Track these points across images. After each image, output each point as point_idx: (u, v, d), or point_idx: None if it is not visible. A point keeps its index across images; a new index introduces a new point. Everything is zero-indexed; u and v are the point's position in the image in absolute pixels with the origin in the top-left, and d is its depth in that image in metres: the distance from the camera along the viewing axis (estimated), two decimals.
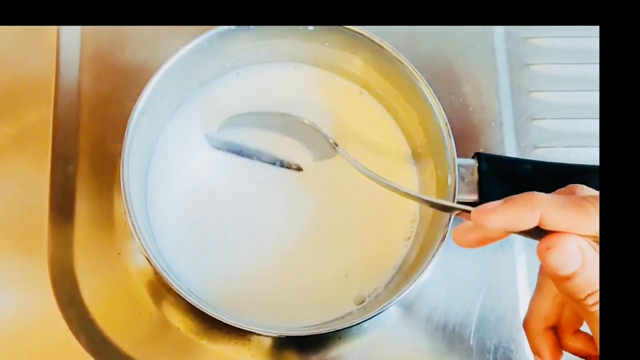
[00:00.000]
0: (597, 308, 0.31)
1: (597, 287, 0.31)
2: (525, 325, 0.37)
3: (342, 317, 0.43)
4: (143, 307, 0.46)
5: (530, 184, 0.42)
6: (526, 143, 0.51)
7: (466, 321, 0.47)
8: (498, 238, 0.35)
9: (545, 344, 0.36)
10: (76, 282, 0.46)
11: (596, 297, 0.31)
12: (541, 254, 0.31)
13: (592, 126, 0.52)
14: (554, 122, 0.52)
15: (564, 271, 0.31)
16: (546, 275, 0.36)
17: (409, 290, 0.39)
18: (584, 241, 0.31)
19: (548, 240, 0.31)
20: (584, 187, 0.34)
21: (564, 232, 0.31)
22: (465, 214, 0.33)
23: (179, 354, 0.46)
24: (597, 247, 0.31)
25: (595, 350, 0.34)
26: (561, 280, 0.31)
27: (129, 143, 0.40)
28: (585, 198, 0.32)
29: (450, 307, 0.47)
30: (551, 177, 0.43)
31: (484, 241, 0.35)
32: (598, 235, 0.31)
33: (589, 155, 0.51)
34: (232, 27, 0.43)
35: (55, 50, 0.51)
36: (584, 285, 0.31)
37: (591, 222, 0.31)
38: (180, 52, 0.42)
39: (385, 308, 0.39)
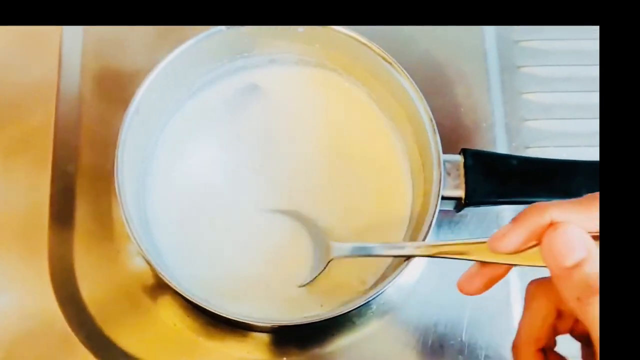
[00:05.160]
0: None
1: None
2: (516, 347, 0.35)
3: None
4: (141, 305, 0.47)
5: (516, 179, 0.42)
6: (518, 143, 0.52)
7: (458, 318, 0.47)
8: (503, 274, 0.35)
9: None
10: (75, 280, 0.47)
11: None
12: (547, 238, 0.31)
13: (584, 126, 0.52)
14: (545, 123, 0.53)
15: (570, 259, 0.30)
16: (534, 296, 0.34)
17: (396, 289, 0.40)
18: (587, 233, 0.31)
19: (554, 225, 0.31)
20: None
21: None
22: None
23: (177, 351, 0.46)
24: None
25: None
26: (567, 276, 0.30)
27: (123, 139, 0.41)
28: (589, 196, 0.32)
29: (442, 305, 0.47)
30: (537, 172, 0.43)
31: (491, 282, 0.35)
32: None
33: (581, 154, 0.50)
34: (224, 28, 0.44)
35: (57, 55, 0.52)
36: (593, 276, 0.30)
37: (593, 219, 0.31)
38: (174, 53, 0.43)
39: (373, 297, 0.40)
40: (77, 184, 0.49)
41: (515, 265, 0.35)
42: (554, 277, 0.31)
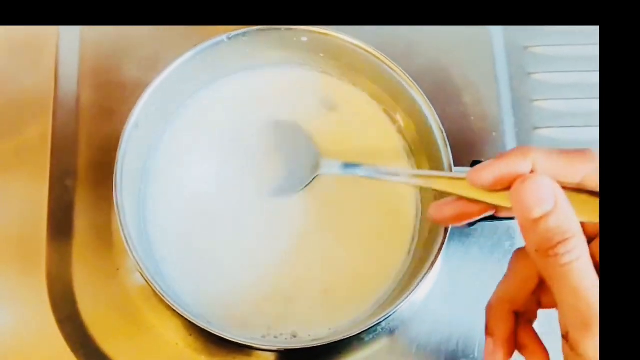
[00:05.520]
0: (568, 258, 0.30)
1: (570, 234, 0.30)
2: (488, 306, 0.36)
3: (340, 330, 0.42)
4: (141, 323, 0.46)
5: None
6: None
7: (470, 334, 0.46)
8: (476, 214, 0.35)
9: (503, 326, 0.35)
10: (74, 297, 0.46)
11: (568, 246, 0.30)
12: (515, 189, 0.31)
13: (596, 134, 0.51)
14: (557, 131, 0.52)
15: (536, 210, 0.30)
16: (517, 259, 0.35)
17: (407, 304, 0.39)
18: (557, 185, 0.31)
19: (524, 176, 0.31)
20: (593, 148, 0.33)
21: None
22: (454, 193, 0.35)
23: None
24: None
25: (541, 352, 0.34)
26: (532, 226, 0.31)
27: (122, 155, 0.41)
28: (575, 150, 0.33)
29: (453, 322, 0.46)
30: None
31: (461, 216, 0.35)
32: (581, 184, 0.32)
33: None
34: (224, 38, 0.43)
35: (54, 66, 0.51)
36: (556, 229, 0.30)
37: (575, 170, 0.32)
38: (174, 65, 0.43)
39: (382, 319, 0.39)
40: (76, 198, 0.48)
41: (489, 204, 0.34)
42: (520, 226, 0.32)
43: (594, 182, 0.32)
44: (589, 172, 0.32)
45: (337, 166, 0.42)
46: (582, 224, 0.31)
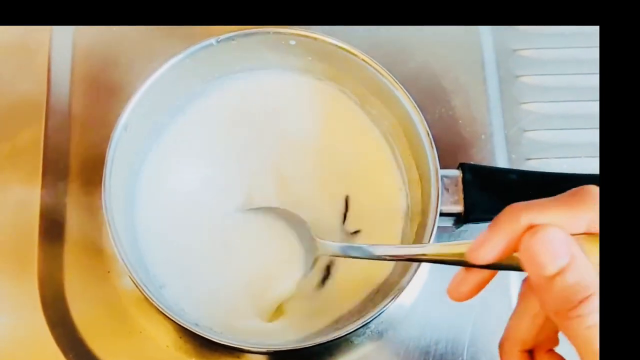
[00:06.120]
0: (593, 320, 0.26)
1: (591, 290, 0.27)
2: (501, 346, 0.33)
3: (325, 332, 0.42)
4: (133, 326, 0.46)
5: (516, 193, 0.41)
6: (517, 155, 0.51)
7: (459, 336, 0.46)
8: (490, 278, 0.33)
9: None
10: (66, 301, 0.46)
11: (591, 305, 0.26)
12: (525, 245, 0.28)
13: (585, 136, 0.51)
14: (545, 133, 0.52)
15: (551, 266, 0.27)
16: (527, 294, 0.32)
17: (395, 307, 0.39)
18: (570, 236, 0.28)
19: (533, 229, 0.28)
20: (592, 186, 0.30)
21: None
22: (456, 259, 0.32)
23: None
24: (587, 245, 0.28)
25: None
26: (547, 285, 0.27)
27: (111, 158, 0.41)
28: (571, 194, 0.29)
29: (442, 324, 0.46)
30: (537, 186, 0.42)
31: (479, 287, 0.33)
32: (587, 230, 0.29)
33: (582, 165, 0.51)
34: (213, 42, 0.43)
35: (46, 70, 0.51)
36: (576, 286, 0.27)
37: (577, 221, 0.28)
38: (163, 68, 0.43)
39: (365, 322, 0.39)
40: (67, 202, 0.48)
41: (502, 270, 0.32)
42: (534, 286, 0.29)
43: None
44: (592, 220, 0.28)
45: (336, 248, 0.40)
46: None
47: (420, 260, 0.36)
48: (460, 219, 0.42)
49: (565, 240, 0.28)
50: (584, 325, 0.26)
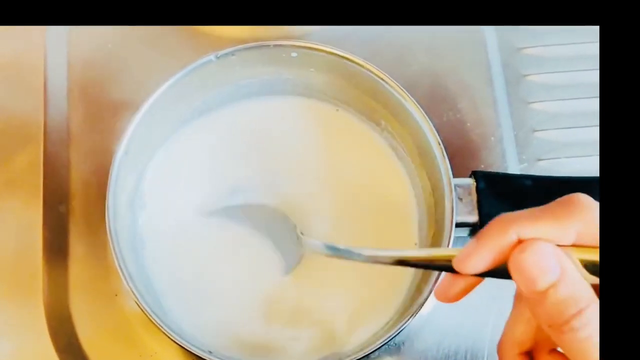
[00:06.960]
0: (587, 332, 0.27)
1: (584, 303, 0.27)
2: (499, 349, 0.33)
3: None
4: (142, 350, 0.45)
5: (531, 200, 0.40)
6: (528, 156, 0.50)
7: (478, 345, 0.45)
8: (478, 282, 0.32)
9: None
10: (73, 325, 0.45)
11: (585, 318, 0.27)
12: (515, 261, 0.28)
13: (595, 134, 0.50)
14: (556, 133, 0.51)
15: (542, 281, 0.27)
16: (521, 296, 0.32)
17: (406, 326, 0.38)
18: (560, 250, 0.28)
19: (522, 244, 0.28)
20: (580, 195, 0.30)
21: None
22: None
23: None
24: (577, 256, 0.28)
25: None
26: (539, 300, 0.28)
27: (113, 182, 0.40)
28: (558, 203, 0.30)
29: (460, 333, 0.45)
30: (553, 191, 0.41)
31: (466, 290, 0.33)
32: (576, 241, 0.29)
33: (594, 164, 0.50)
34: (213, 58, 0.42)
35: (42, 91, 0.51)
36: (567, 301, 0.27)
37: (565, 232, 0.28)
38: (162, 88, 0.42)
39: (378, 345, 0.38)
40: (70, 224, 0.48)
41: (491, 277, 0.31)
42: (526, 300, 0.29)
43: (589, 237, 0.29)
44: (581, 230, 0.29)
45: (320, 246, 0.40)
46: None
47: (406, 264, 0.35)
48: (475, 229, 0.41)
49: (555, 254, 0.28)
50: (578, 338, 0.27)
